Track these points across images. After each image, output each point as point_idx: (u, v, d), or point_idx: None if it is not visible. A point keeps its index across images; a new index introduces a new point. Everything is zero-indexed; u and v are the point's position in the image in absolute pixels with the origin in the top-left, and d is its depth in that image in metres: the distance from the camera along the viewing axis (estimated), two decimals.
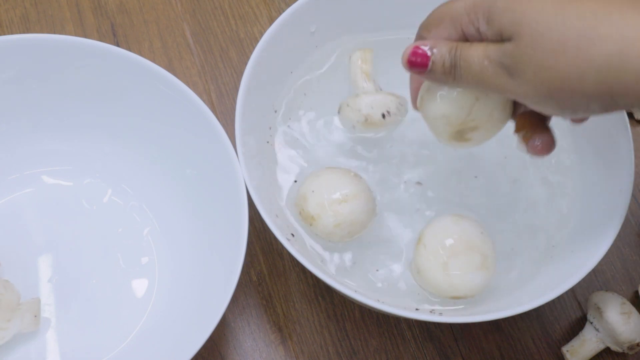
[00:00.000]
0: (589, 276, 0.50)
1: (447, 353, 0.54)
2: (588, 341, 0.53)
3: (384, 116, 0.52)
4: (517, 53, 0.36)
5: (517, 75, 0.36)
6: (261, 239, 0.57)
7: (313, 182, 0.50)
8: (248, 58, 0.51)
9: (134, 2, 0.65)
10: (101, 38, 0.63)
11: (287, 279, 0.55)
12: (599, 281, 0.57)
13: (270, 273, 0.56)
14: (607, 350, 0.53)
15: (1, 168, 0.55)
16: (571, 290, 0.49)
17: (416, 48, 0.40)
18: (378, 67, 0.56)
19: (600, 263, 0.47)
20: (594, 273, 0.57)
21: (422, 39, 0.41)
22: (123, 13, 0.64)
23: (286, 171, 0.54)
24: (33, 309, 0.49)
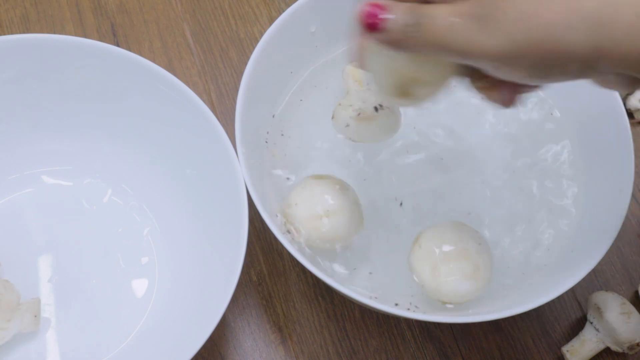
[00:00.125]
0: (589, 276, 0.50)
1: (447, 353, 0.54)
2: (588, 341, 0.53)
3: (377, 109, 0.52)
4: None
5: (492, 25, 0.31)
6: (261, 239, 0.57)
7: (298, 195, 0.50)
8: (248, 58, 0.51)
9: (134, 2, 0.65)
10: (101, 38, 0.63)
11: (287, 279, 0.55)
12: (599, 281, 0.57)
13: (270, 273, 0.56)
14: (607, 350, 0.53)
15: (1, 168, 0.55)
16: (571, 290, 0.49)
17: (373, 7, 0.35)
18: None
19: (600, 263, 0.47)
20: (594, 273, 0.57)
21: None
22: (123, 13, 0.64)
23: (286, 171, 0.54)
24: (33, 309, 0.49)
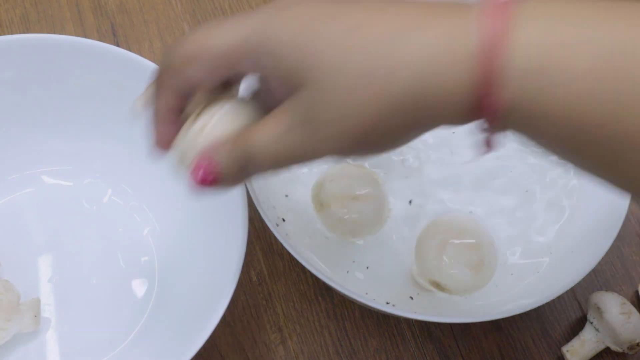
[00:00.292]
0: (589, 276, 0.50)
1: (447, 353, 0.54)
2: (588, 341, 0.53)
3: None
4: (314, 96, 0.30)
5: (316, 130, 0.30)
6: (261, 239, 0.57)
7: (336, 174, 0.50)
8: None
9: (134, 2, 0.65)
10: (101, 38, 0.63)
11: (287, 279, 0.55)
12: (599, 281, 0.57)
13: (270, 273, 0.56)
14: (607, 350, 0.53)
15: (1, 168, 0.54)
16: (571, 290, 0.49)
17: (199, 165, 0.34)
18: None
19: (600, 263, 0.47)
20: (594, 273, 0.57)
21: (165, 78, 0.35)
22: (123, 13, 0.64)
23: (285, 171, 0.54)
24: (33, 309, 0.49)
